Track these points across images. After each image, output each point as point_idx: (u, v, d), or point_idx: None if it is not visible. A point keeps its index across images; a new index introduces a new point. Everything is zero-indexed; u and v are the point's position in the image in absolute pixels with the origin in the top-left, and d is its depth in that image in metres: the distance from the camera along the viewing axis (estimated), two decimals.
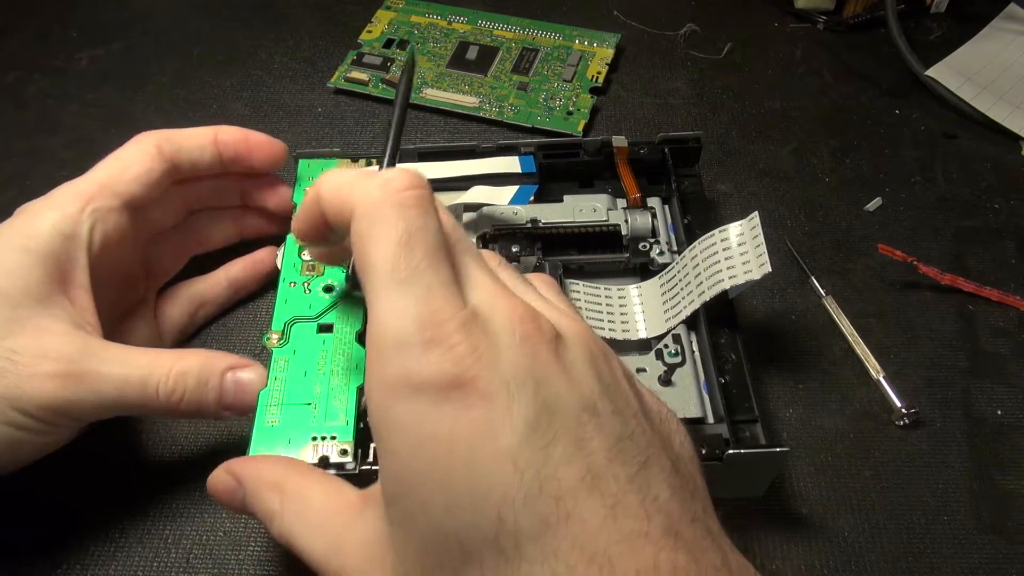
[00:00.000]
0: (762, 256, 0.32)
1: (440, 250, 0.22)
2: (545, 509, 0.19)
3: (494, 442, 0.20)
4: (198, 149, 0.35)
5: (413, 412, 0.20)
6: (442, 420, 0.20)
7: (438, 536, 0.20)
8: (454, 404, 0.20)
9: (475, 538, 0.20)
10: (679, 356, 0.34)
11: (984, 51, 0.51)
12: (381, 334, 0.21)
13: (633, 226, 0.37)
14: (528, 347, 0.21)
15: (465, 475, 0.20)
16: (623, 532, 0.19)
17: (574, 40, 0.52)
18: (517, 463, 0.20)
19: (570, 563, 0.19)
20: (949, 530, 0.32)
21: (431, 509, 0.20)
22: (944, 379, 0.37)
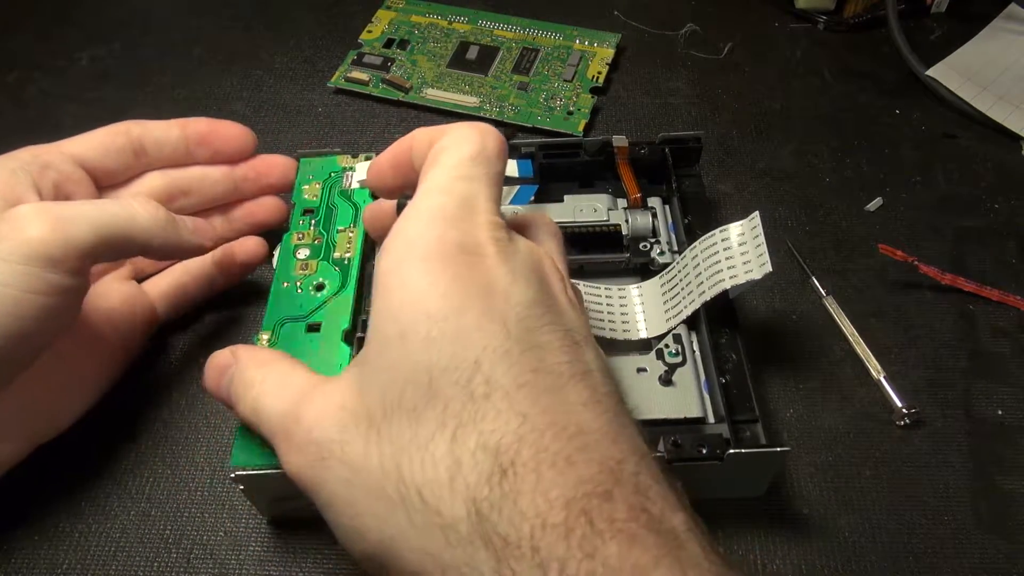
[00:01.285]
0: (763, 256, 0.32)
1: (498, 179, 0.26)
2: (523, 370, 0.21)
3: (491, 303, 0.22)
4: (163, 129, 0.36)
5: (427, 256, 0.23)
6: (449, 269, 0.22)
7: (408, 369, 0.22)
8: (469, 263, 0.23)
9: (447, 377, 0.21)
10: (680, 356, 0.34)
11: (984, 51, 0.51)
12: (427, 200, 0.24)
13: (633, 226, 0.37)
14: (539, 271, 0.24)
15: (457, 317, 0.22)
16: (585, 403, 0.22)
17: (574, 40, 0.52)
18: (508, 324, 0.22)
19: (536, 425, 0.20)
20: (949, 530, 0.32)
21: (411, 340, 0.22)
22: (944, 379, 0.37)
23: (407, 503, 0.21)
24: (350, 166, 0.39)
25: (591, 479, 0.20)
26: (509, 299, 0.22)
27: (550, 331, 0.23)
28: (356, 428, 0.22)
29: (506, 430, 0.20)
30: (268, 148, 0.41)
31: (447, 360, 0.21)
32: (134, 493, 0.34)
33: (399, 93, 0.49)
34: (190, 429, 0.36)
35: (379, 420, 0.22)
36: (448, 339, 0.22)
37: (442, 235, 0.23)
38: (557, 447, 0.20)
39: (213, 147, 0.37)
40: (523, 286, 0.23)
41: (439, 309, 0.22)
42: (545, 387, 0.21)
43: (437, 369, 0.21)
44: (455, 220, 0.24)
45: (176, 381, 0.37)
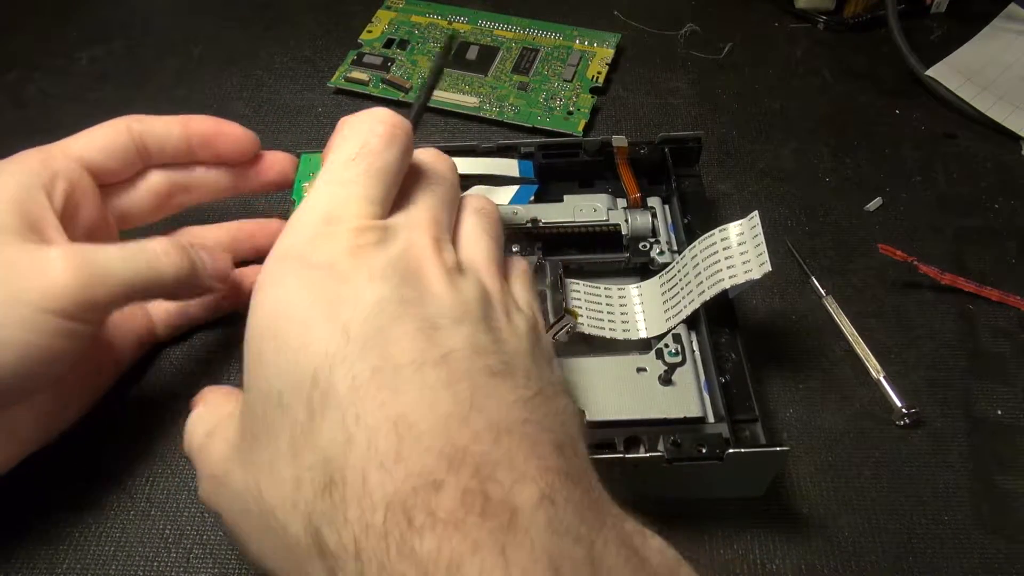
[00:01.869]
0: (762, 255, 0.32)
1: (381, 174, 0.26)
2: (362, 370, 0.21)
3: (336, 310, 0.22)
4: (165, 128, 0.35)
5: (282, 276, 0.23)
6: (301, 286, 0.23)
7: (266, 389, 0.22)
8: (321, 276, 0.23)
9: (292, 394, 0.22)
10: (679, 356, 0.34)
11: (984, 51, 0.51)
12: (296, 216, 0.25)
13: (633, 226, 0.37)
14: (411, 262, 0.24)
15: (301, 333, 0.22)
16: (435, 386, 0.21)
17: (574, 40, 0.52)
18: (350, 328, 0.22)
19: (369, 424, 0.20)
20: (949, 530, 0.32)
21: (264, 361, 0.22)
22: (944, 379, 0.37)
23: (269, 525, 0.22)
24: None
25: (420, 472, 0.20)
26: (357, 303, 0.22)
27: (402, 323, 0.22)
28: (235, 458, 0.24)
29: (338, 438, 0.20)
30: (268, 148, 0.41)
31: (291, 376, 0.22)
32: (134, 493, 0.34)
33: (399, 93, 0.49)
34: None
35: (248, 446, 0.23)
36: (291, 355, 0.22)
37: (298, 252, 0.24)
38: (387, 445, 0.20)
39: (216, 149, 0.36)
40: (377, 285, 0.23)
41: (284, 328, 0.22)
42: (383, 385, 0.21)
43: (285, 387, 0.22)
44: (312, 236, 0.24)
45: (176, 381, 0.37)
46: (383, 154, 0.26)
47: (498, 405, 0.21)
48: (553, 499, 0.20)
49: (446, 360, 0.22)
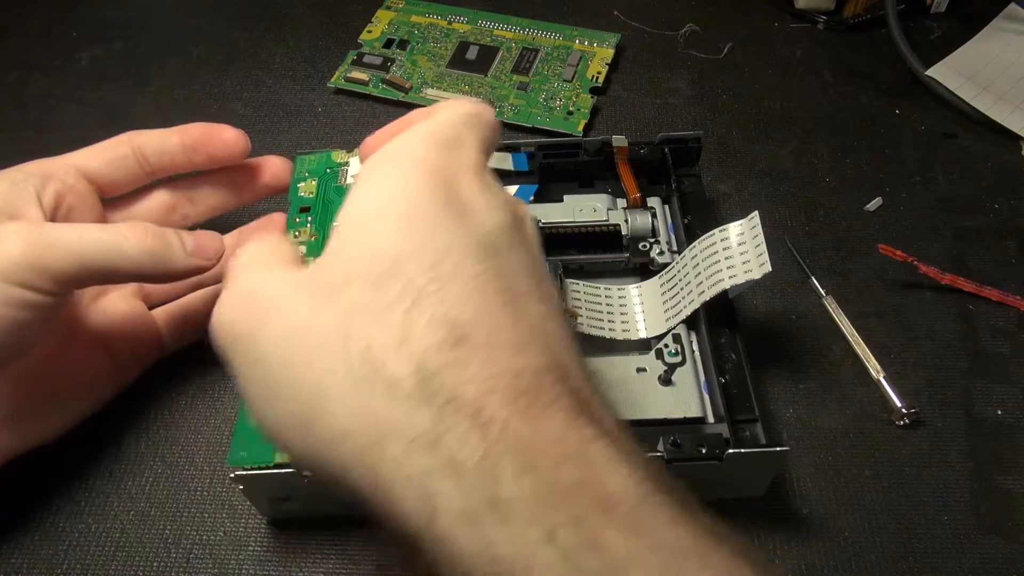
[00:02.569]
0: (762, 256, 0.32)
1: (487, 141, 0.26)
2: (484, 270, 0.22)
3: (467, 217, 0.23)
4: (162, 137, 0.36)
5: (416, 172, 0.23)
6: (435, 184, 0.23)
7: (377, 246, 0.22)
8: (450, 184, 0.23)
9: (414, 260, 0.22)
10: (679, 356, 0.34)
11: (984, 51, 0.51)
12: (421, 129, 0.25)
13: (633, 226, 0.37)
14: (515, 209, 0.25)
15: (433, 216, 0.22)
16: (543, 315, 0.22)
17: (574, 40, 0.52)
18: (477, 236, 0.23)
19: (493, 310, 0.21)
20: (949, 530, 0.32)
21: (385, 221, 0.22)
22: (944, 379, 0.37)
23: (350, 359, 0.21)
24: (345, 161, 0.39)
25: (541, 365, 0.21)
26: (484, 220, 0.23)
27: (516, 256, 0.23)
28: (310, 294, 0.22)
29: (463, 309, 0.21)
30: (268, 148, 0.41)
31: (417, 243, 0.22)
32: (134, 493, 0.34)
33: (399, 93, 0.49)
34: (190, 429, 0.36)
35: (337, 288, 0.22)
36: (421, 228, 0.22)
37: (430, 155, 0.24)
38: (511, 334, 0.21)
39: (208, 152, 0.37)
40: (498, 214, 0.24)
41: (417, 205, 0.23)
42: (507, 288, 0.22)
43: (409, 247, 0.22)
44: (444, 148, 0.25)
45: (176, 381, 0.37)
46: (489, 129, 0.27)
47: (581, 359, 0.23)
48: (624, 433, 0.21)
49: (550, 302, 0.23)
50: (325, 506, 0.32)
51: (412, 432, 0.19)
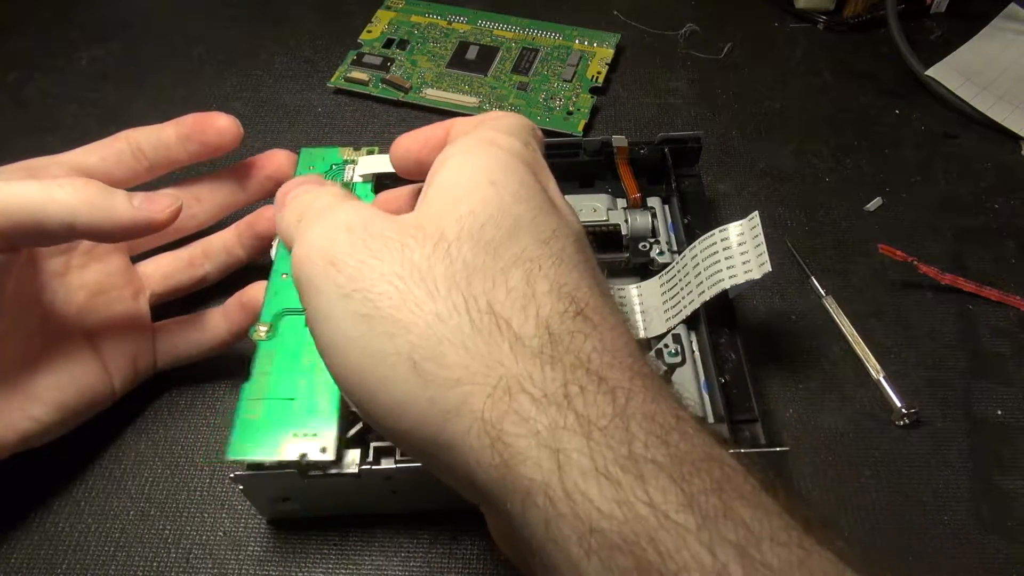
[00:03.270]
0: (762, 256, 0.32)
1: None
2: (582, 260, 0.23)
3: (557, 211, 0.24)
4: (157, 130, 0.36)
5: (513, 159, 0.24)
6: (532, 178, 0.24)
7: (493, 209, 0.22)
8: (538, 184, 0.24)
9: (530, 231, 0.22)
10: (679, 356, 0.34)
11: (984, 51, 0.51)
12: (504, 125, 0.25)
13: (633, 226, 0.37)
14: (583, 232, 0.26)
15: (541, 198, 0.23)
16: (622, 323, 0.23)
17: (574, 40, 0.52)
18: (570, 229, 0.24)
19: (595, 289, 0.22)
20: (949, 530, 0.32)
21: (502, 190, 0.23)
22: (944, 379, 0.37)
23: (472, 310, 0.20)
24: (351, 159, 0.38)
25: (640, 353, 0.21)
26: (568, 216, 0.24)
27: (589, 254, 0.24)
28: (423, 240, 0.22)
29: (578, 286, 0.22)
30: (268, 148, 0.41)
31: (531, 219, 0.22)
32: (134, 493, 0.34)
33: (399, 93, 0.49)
34: (190, 429, 0.36)
35: (451, 239, 0.21)
36: (534, 206, 0.23)
37: (522, 151, 0.24)
38: (613, 321, 0.22)
39: (201, 140, 0.36)
40: (577, 221, 0.25)
41: (524, 186, 0.23)
42: (597, 282, 0.23)
43: (523, 220, 0.22)
44: (524, 144, 0.25)
45: (176, 381, 0.37)
46: (541, 145, 0.27)
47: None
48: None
49: (619, 311, 0.24)
50: (325, 506, 0.32)
51: (543, 387, 0.19)
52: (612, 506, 0.18)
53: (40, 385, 0.32)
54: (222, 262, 0.39)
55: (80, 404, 0.33)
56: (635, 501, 0.18)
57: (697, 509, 0.17)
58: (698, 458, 0.19)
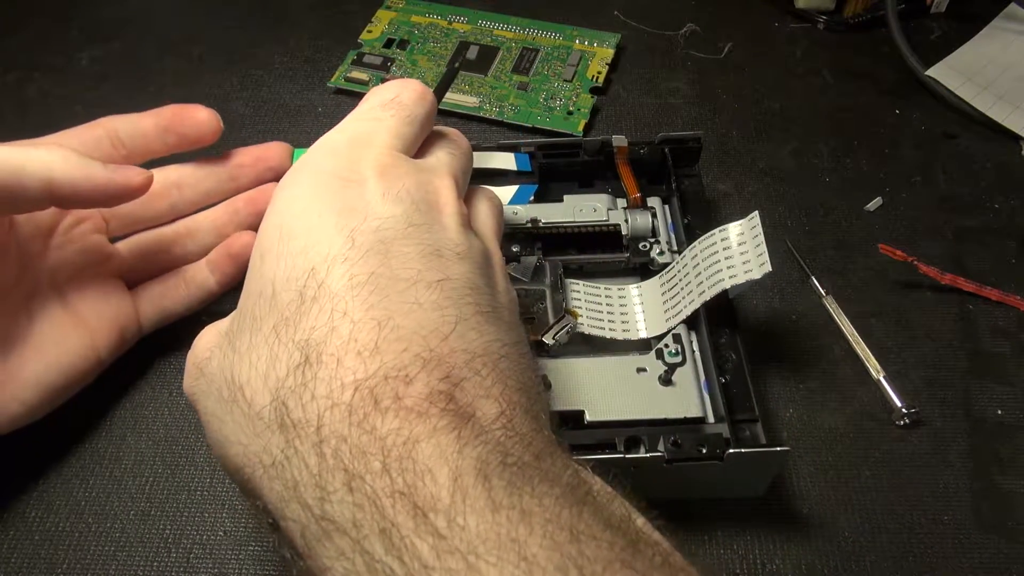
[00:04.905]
0: (762, 256, 0.32)
1: (410, 120, 0.28)
2: (359, 272, 0.22)
3: (346, 218, 0.23)
4: (136, 119, 0.36)
5: (299, 181, 0.25)
6: (317, 192, 0.24)
7: (260, 283, 0.23)
8: (339, 187, 0.24)
9: (286, 286, 0.23)
10: (679, 356, 0.34)
11: (984, 51, 0.51)
12: (324, 138, 0.27)
13: (633, 226, 0.37)
14: (428, 195, 0.26)
15: (307, 233, 0.23)
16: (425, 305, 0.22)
17: (574, 40, 0.52)
18: (355, 236, 0.23)
19: (355, 319, 0.22)
20: (949, 530, 0.32)
21: (267, 258, 0.24)
22: (944, 379, 0.37)
23: (232, 402, 0.22)
24: None
25: (394, 365, 0.21)
26: (368, 215, 0.24)
27: (408, 243, 0.24)
28: (220, 346, 0.24)
29: (321, 326, 0.22)
30: None
31: (288, 270, 0.23)
32: (134, 493, 0.34)
33: None
34: (190, 429, 0.36)
35: (234, 334, 0.24)
36: (295, 252, 0.23)
37: (321, 165, 0.25)
38: (367, 339, 0.21)
39: (179, 132, 0.36)
40: (391, 203, 0.24)
41: (294, 225, 0.24)
42: (377, 288, 0.22)
43: (280, 280, 0.23)
44: (339, 152, 0.26)
45: (176, 381, 0.37)
46: (413, 107, 0.28)
47: (478, 337, 0.23)
48: (511, 422, 0.21)
49: (441, 285, 0.23)
50: None
51: (268, 459, 0.21)
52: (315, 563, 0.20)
53: (26, 367, 0.32)
54: (208, 244, 0.38)
55: (67, 380, 0.33)
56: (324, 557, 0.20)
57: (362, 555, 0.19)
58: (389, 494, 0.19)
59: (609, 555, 0.18)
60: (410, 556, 0.18)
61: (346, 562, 0.19)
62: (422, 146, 0.29)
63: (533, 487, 0.19)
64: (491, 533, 0.18)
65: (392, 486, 0.19)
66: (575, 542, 0.18)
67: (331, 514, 0.19)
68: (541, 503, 0.18)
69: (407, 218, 0.24)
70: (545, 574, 0.17)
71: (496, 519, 0.18)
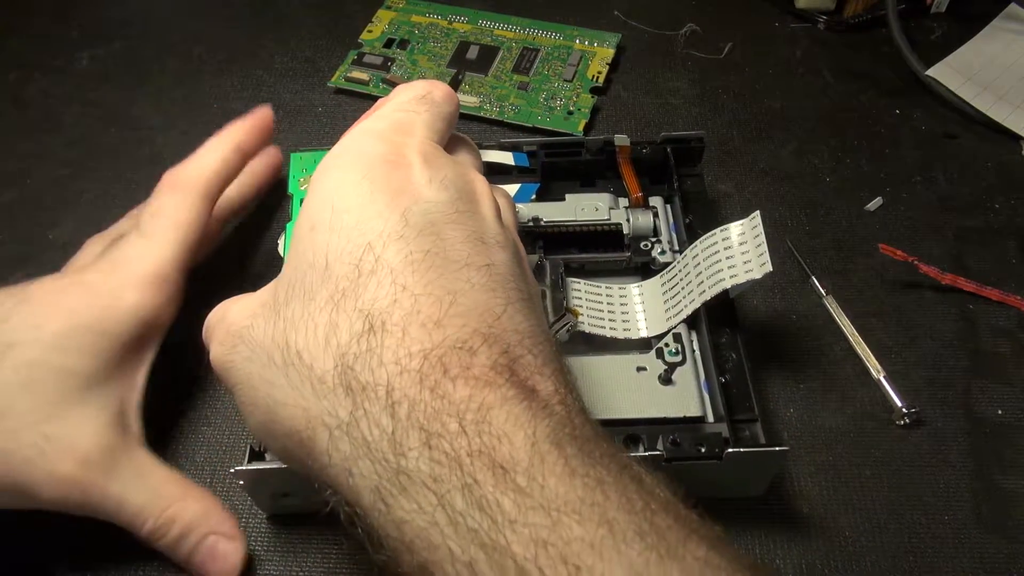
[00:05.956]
0: (763, 255, 0.32)
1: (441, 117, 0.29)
2: (414, 250, 0.23)
3: (398, 199, 0.24)
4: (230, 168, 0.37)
5: (350, 163, 0.25)
6: (367, 173, 0.25)
7: (311, 255, 0.24)
8: (387, 169, 0.25)
9: (342, 259, 0.23)
10: (679, 355, 0.34)
11: (985, 51, 0.51)
12: (365, 123, 0.28)
13: (635, 225, 0.37)
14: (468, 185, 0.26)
15: (360, 209, 0.24)
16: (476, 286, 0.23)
17: (575, 40, 0.52)
18: (408, 215, 0.24)
19: (415, 293, 0.22)
20: (950, 529, 0.32)
21: (318, 230, 0.24)
22: (945, 379, 0.37)
23: (288, 367, 0.23)
24: None
25: (458, 338, 0.22)
26: (419, 197, 0.24)
27: (456, 228, 0.24)
28: (263, 315, 0.25)
29: (383, 297, 0.22)
30: None
31: (344, 244, 0.23)
32: None
33: None
34: (190, 429, 0.36)
35: (281, 304, 0.24)
36: (348, 227, 0.24)
37: (369, 147, 0.26)
38: (430, 311, 0.22)
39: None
40: (437, 189, 0.25)
41: (345, 202, 0.24)
42: (433, 266, 0.23)
43: (334, 253, 0.23)
44: (384, 137, 0.26)
45: (175, 381, 0.37)
46: (443, 104, 0.29)
47: (524, 320, 0.24)
48: (565, 400, 0.22)
49: (488, 269, 0.24)
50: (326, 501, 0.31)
51: (335, 421, 0.22)
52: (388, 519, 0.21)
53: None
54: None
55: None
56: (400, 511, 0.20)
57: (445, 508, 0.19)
58: (467, 453, 0.20)
59: (683, 528, 0.19)
60: (493, 509, 0.19)
61: (425, 516, 0.19)
62: (446, 145, 0.30)
63: (599, 460, 0.20)
64: (571, 496, 0.19)
65: (470, 445, 0.20)
66: (648, 511, 0.19)
67: (408, 469, 0.20)
68: (610, 474, 0.19)
69: (453, 204, 0.25)
70: (626, 537, 0.18)
71: (574, 483, 0.19)
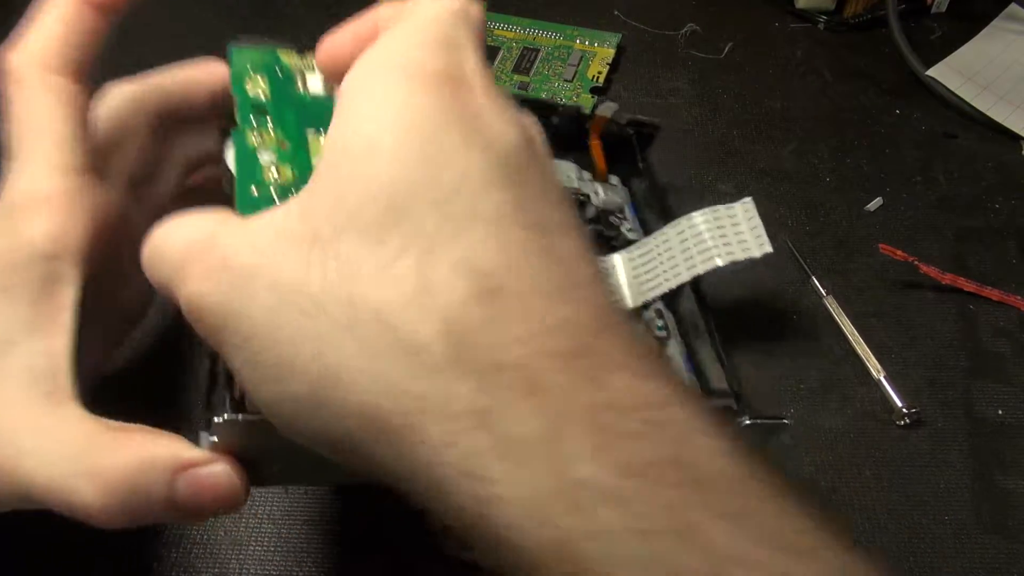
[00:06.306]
0: (761, 236, 0.31)
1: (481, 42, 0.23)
2: (506, 200, 0.18)
3: (479, 129, 0.19)
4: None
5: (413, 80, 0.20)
6: (437, 90, 0.19)
7: (371, 184, 0.18)
8: (455, 89, 0.20)
9: (420, 196, 0.18)
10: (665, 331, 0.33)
11: (985, 51, 0.51)
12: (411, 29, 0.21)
13: (606, 199, 0.36)
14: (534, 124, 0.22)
15: (437, 135, 0.19)
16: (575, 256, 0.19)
17: (575, 40, 0.52)
18: (490, 154, 0.19)
19: (529, 251, 0.18)
20: (950, 530, 0.32)
21: (379, 154, 0.19)
22: (945, 379, 0.37)
23: (357, 326, 0.17)
24: (301, 67, 0.32)
25: (586, 317, 0.18)
26: (497, 137, 0.19)
27: (535, 178, 0.20)
28: (295, 250, 0.19)
29: (489, 253, 0.18)
30: None
31: (420, 177, 0.18)
32: None
33: None
34: (190, 429, 0.36)
35: (326, 239, 0.18)
36: (424, 157, 0.18)
37: (426, 58, 0.20)
38: (545, 282, 0.18)
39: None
40: (508, 124, 0.20)
41: (416, 124, 0.19)
42: (527, 224, 0.19)
43: (407, 185, 0.18)
44: (441, 47, 0.20)
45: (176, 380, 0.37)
46: (480, 27, 0.23)
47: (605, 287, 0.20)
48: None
49: (579, 230, 0.20)
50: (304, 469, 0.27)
51: (453, 408, 0.17)
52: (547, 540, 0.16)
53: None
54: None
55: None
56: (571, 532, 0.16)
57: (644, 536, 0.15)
58: (651, 462, 0.16)
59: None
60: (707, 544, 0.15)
61: (614, 539, 0.16)
62: None
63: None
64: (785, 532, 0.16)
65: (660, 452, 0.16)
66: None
67: (576, 479, 0.16)
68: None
69: (527, 148, 0.20)
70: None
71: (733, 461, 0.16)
